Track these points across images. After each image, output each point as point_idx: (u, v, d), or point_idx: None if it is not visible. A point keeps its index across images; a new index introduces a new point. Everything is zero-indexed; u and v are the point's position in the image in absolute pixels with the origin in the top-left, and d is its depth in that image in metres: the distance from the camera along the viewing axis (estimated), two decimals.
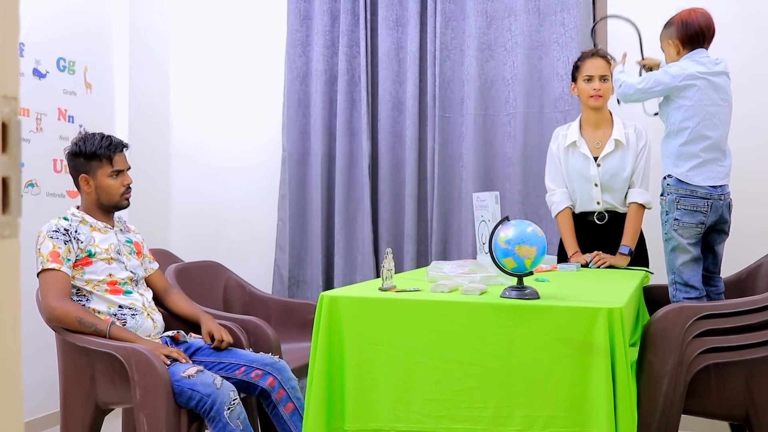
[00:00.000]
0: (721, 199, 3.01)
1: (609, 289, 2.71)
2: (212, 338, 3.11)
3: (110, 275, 3.00)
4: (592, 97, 3.58)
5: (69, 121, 4.27)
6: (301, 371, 3.25)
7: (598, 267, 3.52)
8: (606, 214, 3.67)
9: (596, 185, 3.62)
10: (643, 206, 3.61)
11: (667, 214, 3.07)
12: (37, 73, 4.07)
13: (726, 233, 3.12)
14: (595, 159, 3.63)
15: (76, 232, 2.99)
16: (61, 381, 3.02)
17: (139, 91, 4.73)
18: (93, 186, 3.09)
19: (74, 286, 2.96)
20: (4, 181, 0.91)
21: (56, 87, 4.20)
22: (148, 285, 3.24)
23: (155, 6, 4.90)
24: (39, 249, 2.93)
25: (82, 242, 2.98)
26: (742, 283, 3.34)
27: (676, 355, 2.54)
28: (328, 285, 4.54)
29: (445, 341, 2.29)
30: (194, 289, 3.71)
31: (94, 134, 3.12)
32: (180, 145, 5.03)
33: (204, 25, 5.01)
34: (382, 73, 4.44)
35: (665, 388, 2.53)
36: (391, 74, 4.45)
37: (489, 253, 2.35)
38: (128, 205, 3.21)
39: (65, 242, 2.93)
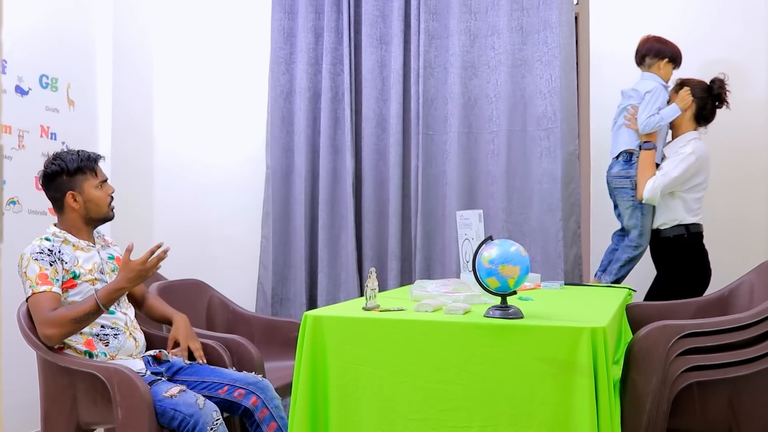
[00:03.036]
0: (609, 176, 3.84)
1: (592, 308, 2.71)
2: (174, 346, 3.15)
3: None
4: None
5: (51, 138, 4.24)
6: (285, 390, 3.23)
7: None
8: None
9: None
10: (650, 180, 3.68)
11: None
12: (20, 90, 4.04)
13: (617, 206, 3.88)
14: None
15: (59, 252, 2.95)
16: (42, 401, 2.98)
17: (123, 107, 4.71)
18: (81, 201, 3.05)
19: None
20: None
21: (39, 104, 4.17)
22: (127, 295, 3.22)
23: (138, 23, 4.89)
24: (25, 272, 2.87)
25: (66, 263, 2.94)
26: (725, 301, 3.35)
27: (660, 374, 2.55)
28: (312, 303, 4.52)
29: (429, 361, 2.29)
30: (177, 307, 3.67)
31: (67, 151, 3.10)
32: (163, 162, 5.00)
33: (187, 42, 5.00)
34: (366, 91, 4.44)
35: (649, 406, 2.54)
36: (374, 92, 4.45)
37: (473, 272, 2.35)
38: (114, 216, 3.19)
39: (51, 263, 2.89)
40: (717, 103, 3.77)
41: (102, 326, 2.96)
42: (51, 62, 4.27)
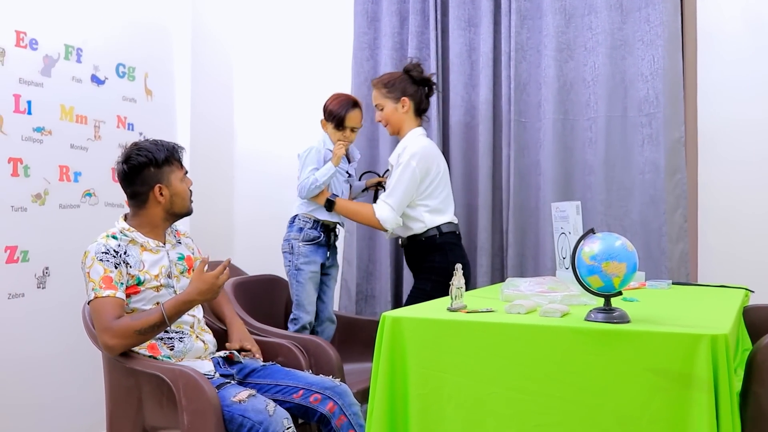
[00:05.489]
0: None
1: (709, 311, 2.42)
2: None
3: (158, 304, 2.77)
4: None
5: (129, 128, 4.15)
6: (365, 395, 3.02)
7: None
8: (404, 240, 3.71)
9: None
10: (374, 214, 3.55)
11: None
12: (96, 80, 3.95)
13: None
14: None
15: (125, 253, 2.78)
16: (108, 403, 2.86)
17: (201, 97, 4.61)
18: (168, 195, 2.89)
19: None
20: None
21: (115, 94, 4.09)
22: None
23: (217, 10, 4.80)
24: (88, 273, 2.72)
25: (131, 266, 2.78)
26: None
27: None
28: (397, 300, 4.33)
29: (521, 369, 2.06)
30: (254, 304, 3.54)
31: (146, 141, 2.95)
32: (243, 154, 4.91)
33: (267, 28, 4.89)
34: (454, 77, 4.22)
35: None
36: (463, 77, 4.22)
37: (572, 270, 2.09)
38: (192, 211, 3.03)
39: (116, 266, 2.73)
40: (427, 90, 3.75)
41: (166, 330, 2.79)
42: (128, 51, 4.20)
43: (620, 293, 2.08)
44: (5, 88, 3.47)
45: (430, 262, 3.57)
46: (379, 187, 3.88)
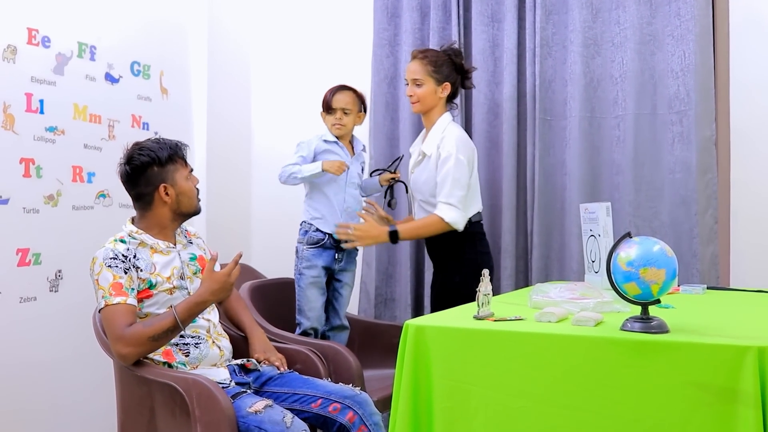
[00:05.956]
0: None
1: (752, 319, 2.31)
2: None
3: (171, 307, 2.68)
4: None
5: (143, 128, 4.07)
6: (386, 403, 2.93)
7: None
8: None
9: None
10: (443, 220, 3.37)
11: None
12: (110, 78, 3.87)
13: None
14: None
15: (135, 257, 2.69)
16: (119, 412, 2.78)
17: (218, 96, 4.52)
18: (174, 194, 2.80)
19: None
20: None
21: (130, 92, 4.01)
22: None
23: (234, 7, 4.71)
24: (97, 280, 2.64)
25: (141, 270, 2.69)
26: None
27: None
28: (418, 304, 4.23)
29: (553, 382, 1.95)
30: (270, 309, 3.46)
31: (149, 140, 2.86)
32: (261, 154, 4.80)
33: (285, 25, 4.80)
34: (477, 74, 4.07)
35: None
36: (486, 74, 4.11)
37: (605, 275, 1.98)
38: (201, 210, 2.94)
39: (125, 271, 2.64)
40: (463, 81, 3.66)
41: (181, 335, 2.70)
42: (143, 49, 4.11)
43: (658, 301, 1.96)
44: (17, 87, 3.40)
45: (459, 254, 3.46)
46: (392, 181, 3.74)
